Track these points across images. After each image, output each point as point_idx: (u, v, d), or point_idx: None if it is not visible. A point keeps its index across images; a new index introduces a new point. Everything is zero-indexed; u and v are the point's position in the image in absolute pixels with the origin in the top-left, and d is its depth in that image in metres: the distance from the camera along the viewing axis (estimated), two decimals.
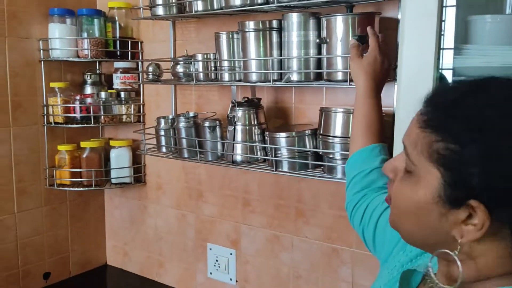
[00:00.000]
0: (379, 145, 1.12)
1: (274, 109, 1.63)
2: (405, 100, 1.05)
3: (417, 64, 1.03)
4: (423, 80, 1.02)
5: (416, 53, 1.03)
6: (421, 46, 1.02)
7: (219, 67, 1.55)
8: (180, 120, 1.63)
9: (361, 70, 1.14)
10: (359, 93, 1.14)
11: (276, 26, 1.42)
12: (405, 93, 1.05)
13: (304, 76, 1.39)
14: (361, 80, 1.14)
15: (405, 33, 1.04)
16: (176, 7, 1.64)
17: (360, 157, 1.11)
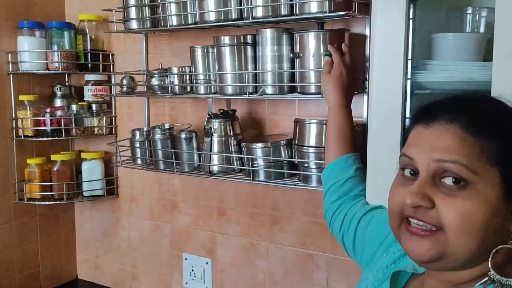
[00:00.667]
0: (352, 155, 1.19)
1: (248, 120, 1.68)
2: (377, 111, 1.13)
3: (387, 77, 1.10)
4: (393, 92, 1.10)
5: (386, 68, 1.11)
6: (390, 60, 1.10)
7: (194, 80, 1.58)
8: (156, 132, 1.66)
9: (329, 84, 1.22)
10: (330, 105, 1.22)
11: (250, 41, 1.47)
12: (376, 104, 1.13)
13: (278, 89, 1.44)
14: (331, 94, 1.22)
15: (375, 48, 1.12)
16: (150, 21, 1.66)
17: (335, 167, 1.18)
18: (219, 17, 1.47)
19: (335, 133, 1.20)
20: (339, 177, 1.16)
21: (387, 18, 1.09)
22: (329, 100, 1.22)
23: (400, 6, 1.07)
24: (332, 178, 1.18)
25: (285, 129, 1.63)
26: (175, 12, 1.55)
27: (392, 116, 1.10)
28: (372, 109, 1.14)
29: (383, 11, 1.09)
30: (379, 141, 1.13)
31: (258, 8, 1.40)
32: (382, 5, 1.09)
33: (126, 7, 1.66)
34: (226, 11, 1.46)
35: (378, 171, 1.14)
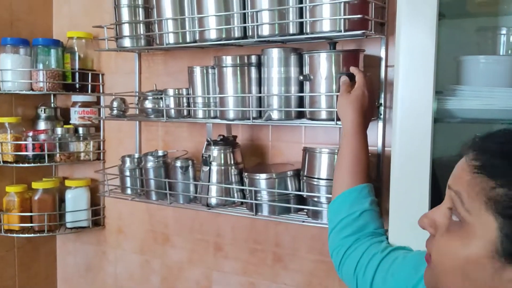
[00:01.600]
0: (367, 185, 1.05)
1: (249, 147, 1.55)
2: (403, 140, 1.00)
3: (414, 104, 0.98)
4: (420, 120, 0.97)
5: (412, 93, 0.98)
6: (417, 85, 0.97)
7: (192, 103, 1.45)
8: (148, 160, 1.51)
9: (349, 105, 1.09)
10: (347, 128, 1.08)
11: (255, 61, 1.35)
12: (402, 133, 1.00)
13: (284, 114, 1.31)
14: (349, 115, 1.09)
15: (399, 72, 0.99)
16: (145, 39, 1.54)
17: (349, 198, 1.04)
18: (221, 35, 1.35)
19: (349, 161, 1.06)
20: (353, 209, 1.02)
21: (414, 38, 0.97)
22: (347, 122, 1.09)
23: (429, 24, 0.95)
24: (344, 210, 1.03)
25: (290, 158, 1.49)
26: (172, 29, 1.42)
27: (420, 146, 0.97)
28: (396, 138, 1.01)
29: (408, 30, 0.97)
30: (405, 173, 1.00)
31: (264, 26, 1.27)
32: (408, 23, 0.97)
33: (118, 24, 1.53)
34: (228, 29, 1.34)
35: (402, 206, 1.00)
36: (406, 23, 0.98)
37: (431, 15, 0.95)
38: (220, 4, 1.33)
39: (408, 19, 0.98)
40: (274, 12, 1.25)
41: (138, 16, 1.53)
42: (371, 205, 1.04)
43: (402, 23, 0.98)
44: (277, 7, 1.25)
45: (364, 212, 1.02)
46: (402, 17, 0.99)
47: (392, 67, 1.32)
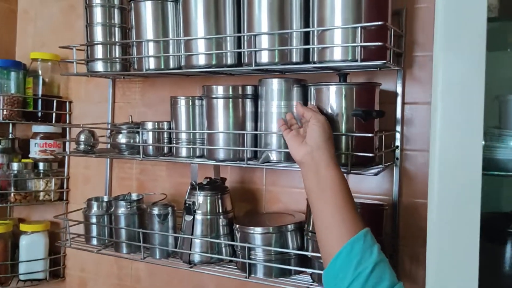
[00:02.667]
0: (368, 229, 0.83)
1: (239, 191, 1.33)
2: (443, 192, 0.80)
3: (457, 151, 0.79)
4: (465, 170, 0.78)
5: (455, 138, 0.79)
6: (461, 129, 0.79)
7: (174, 139, 1.23)
8: (119, 205, 1.27)
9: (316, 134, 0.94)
10: (326, 161, 0.90)
11: (251, 93, 1.15)
12: (441, 184, 0.80)
13: (285, 156, 1.11)
14: (322, 146, 0.92)
15: (437, 112, 0.81)
16: (120, 63, 1.32)
17: (352, 254, 0.80)
18: (210, 62, 1.14)
19: (341, 200, 0.85)
20: (363, 265, 0.79)
21: (456, 72, 0.79)
22: (323, 155, 0.91)
23: (475, 56, 0.77)
24: (350, 269, 0.79)
25: (288, 205, 1.28)
26: (154, 53, 1.22)
27: (466, 200, 0.78)
28: (434, 191, 0.81)
29: (449, 63, 0.79)
30: (447, 232, 0.80)
31: (263, 53, 1.08)
32: (448, 55, 0.79)
33: (90, 45, 1.31)
34: (220, 55, 1.14)
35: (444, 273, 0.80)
36: (447, 54, 0.80)
37: (478, 45, 0.77)
38: (210, 26, 1.13)
39: (448, 49, 0.80)
40: (274, 36, 1.06)
41: (114, 37, 1.32)
42: (380, 254, 0.82)
43: (440, 54, 0.80)
44: (278, 30, 1.06)
45: (376, 266, 0.79)
46: (440, 47, 0.81)
47: (410, 104, 1.14)
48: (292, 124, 1.03)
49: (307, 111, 0.98)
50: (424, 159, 1.12)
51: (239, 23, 1.15)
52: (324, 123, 0.95)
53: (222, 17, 1.14)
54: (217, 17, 1.13)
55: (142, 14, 1.23)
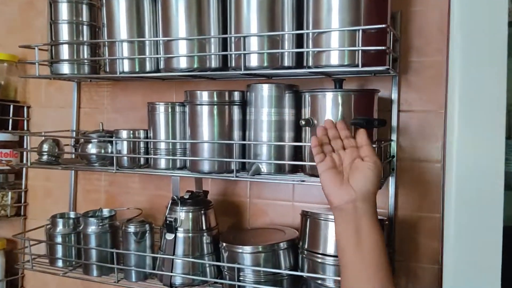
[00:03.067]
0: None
1: (222, 204, 1.23)
2: (460, 207, 0.74)
3: (476, 163, 0.73)
4: (485, 184, 0.72)
5: (473, 150, 0.74)
6: (481, 140, 0.73)
7: (152, 149, 1.12)
8: (89, 222, 1.15)
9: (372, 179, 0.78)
10: (370, 213, 0.77)
11: (238, 99, 1.06)
12: (459, 198, 0.75)
13: (276, 167, 1.02)
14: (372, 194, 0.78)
15: (455, 122, 0.75)
16: (89, 65, 1.19)
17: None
18: (192, 65, 1.04)
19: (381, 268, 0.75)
20: None
21: (475, 79, 0.73)
22: (368, 205, 0.77)
23: (496, 61, 0.72)
24: None
25: (274, 219, 1.20)
26: (128, 54, 1.10)
27: (486, 215, 0.72)
28: (451, 205, 0.75)
29: (468, 69, 0.74)
30: (466, 248, 0.74)
31: (252, 56, 0.99)
32: (466, 60, 0.74)
33: (55, 44, 1.18)
34: (203, 57, 1.04)
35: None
36: (464, 59, 0.74)
37: (498, 51, 0.72)
38: (192, 25, 1.03)
39: (466, 56, 0.74)
40: (264, 38, 0.98)
41: (82, 36, 1.19)
42: None
43: (457, 59, 0.75)
44: (268, 32, 0.97)
45: None
46: (456, 53, 0.75)
47: (406, 112, 1.08)
48: (323, 144, 0.85)
49: (367, 145, 0.81)
50: (420, 170, 1.07)
51: (224, 23, 1.06)
52: (380, 170, 0.79)
53: (205, 16, 1.04)
54: (200, 16, 1.04)
55: (115, 11, 1.11)
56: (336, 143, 0.85)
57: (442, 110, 1.05)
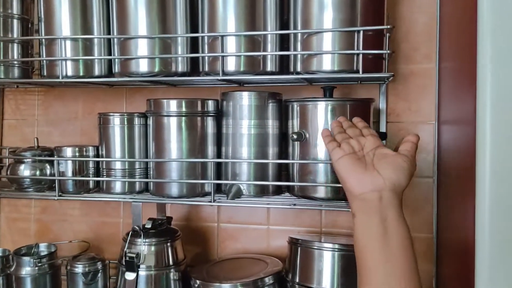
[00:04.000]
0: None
1: (185, 231, 1.06)
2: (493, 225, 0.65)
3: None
4: None
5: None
6: None
7: (105, 169, 0.92)
8: (22, 262, 0.92)
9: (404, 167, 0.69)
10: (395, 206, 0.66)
11: (213, 109, 0.90)
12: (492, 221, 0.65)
13: (256, 188, 0.88)
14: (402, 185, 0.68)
15: (488, 135, 0.65)
16: (20, 68, 0.97)
17: None
18: (153, 69, 0.87)
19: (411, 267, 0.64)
20: None
21: (507, 83, 0.64)
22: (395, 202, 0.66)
23: None
24: None
25: (246, 245, 1.05)
26: (72, 54, 0.90)
27: None
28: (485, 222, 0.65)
29: (498, 74, 0.65)
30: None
31: (229, 60, 0.85)
32: (498, 64, 0.65)
33: None
34: (168, 60, 0.87)
35: None
36: (495, 65, 0.65)
37: None
38: (153, 20, 0.86)
39: (497, 60, 0.65)
40: (242, 38, 0.84)
41: (11, 32, 0.96)
42: None
43: (487, 65, 0.65)
44: (249, 31, 0.83)
45: None
46: (486, 57, 0.66)
47: (393, 123, 0.99)
48: (339, 132, 0.76)
49: (407, 141, 0.73)
50: (411, 186, 0.97)
51: (193, 20, 0.90)
52: (415, 168, 0.70)
53: (171, 11, 0.88)
54: (165, 10, 0.87)
55: (55, 2, 0.90)
56: (353, 131, 0.76)
57: (432, 122, 0.97)
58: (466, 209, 0.72)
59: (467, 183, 0.71)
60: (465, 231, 0.73)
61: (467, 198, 0.71)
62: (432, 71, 0.97)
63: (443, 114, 0.94)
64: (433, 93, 0.97)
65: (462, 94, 0.77)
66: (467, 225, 0.71)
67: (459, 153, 0.79)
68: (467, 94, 0.72)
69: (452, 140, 0.86)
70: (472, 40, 0.70)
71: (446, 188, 0.92)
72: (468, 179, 0.72)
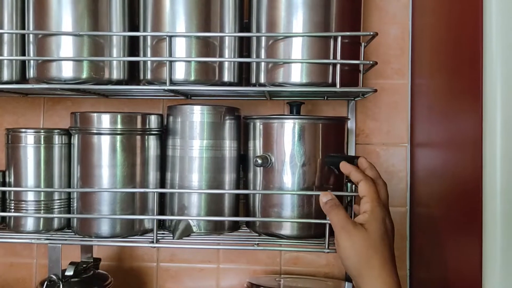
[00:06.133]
0: None
1: (116, 274, 0.86)
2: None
3: None
4: None
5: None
6: None
7: (13, 201, 0.72)
8: None
9: (372, 252, 0.57)
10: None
11: (156, 126, 0.73)
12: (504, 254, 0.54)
13: (208, 224, 0.72)
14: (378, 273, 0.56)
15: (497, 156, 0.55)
16: None
17: None
18: (80, 75, 0.69)
19: None
20: None
21: None
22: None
23: None
24: None
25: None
26: None
27: None
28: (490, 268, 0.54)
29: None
30: None
31: (178, 67, 0.69)
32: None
33: None
34: (100, 65, 0.70)
35: None
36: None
37: None
38: (81, 14, 0.69)
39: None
40: (191, 40, 0.69)
41: None
42: None
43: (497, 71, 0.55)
44: (202, 32, 0.68)
45: None
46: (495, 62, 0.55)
47: (362, 145, 0.87)
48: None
49: (366, 188, 0.60)
50: None
51: (132, 18, 0.73)
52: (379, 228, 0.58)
53: (104, 5, 0.70)
54: (96, 4, 0.69)
55: None
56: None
57: (405, 144, 0.87)
58: (464, 246, 0.61)
59: (465, 216, 0.61)
60: (462, 269, 0.62)
61: (465, 234, 0.61)
62: (405, 87, 0.87)
63: (418, 136, 0.84)
64: (406, 112, 0.87)
65: (452, 114, 0.66)
66: (466, 264, 0.60)
67: (447, 180, 0.68)
68: (462, 114, 0.61)
69: (433, 165, 0.76)
70: (465, 54, 0.60)
71: (424, 219, 0.81)
72: (464, 211, 0.62)
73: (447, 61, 0.70)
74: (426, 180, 0.80)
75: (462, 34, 0.61)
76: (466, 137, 0.60)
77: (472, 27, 0.56)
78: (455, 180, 0.64)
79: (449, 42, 0.68)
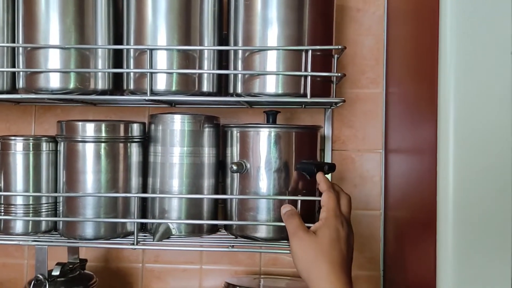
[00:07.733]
0: None
1: (102, 275, 0.91)
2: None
3: None
4: None
5: None
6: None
7: (3, 205, 0.76)
8: None
9: (320, 258, 0.61)
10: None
11: (138, 134, 0.77)
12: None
13: (187, 227, 0.76)
14: (325, 277, 0.60)
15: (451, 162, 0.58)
16: None
17: None
18: (66, 85, 0.73)
19: None
20: None
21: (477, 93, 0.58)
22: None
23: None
24: None
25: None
26: None
27: None
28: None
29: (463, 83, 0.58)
30: None
31: (159, 77, 0.73)
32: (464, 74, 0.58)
33: None
34: (85, 76, 0.74)
35: None
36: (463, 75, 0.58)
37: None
38: (68, 27, 0.73)
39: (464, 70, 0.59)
40: (172, 53, 0.73)
41: None
42: None
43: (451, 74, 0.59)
44: (182, 45, 0.72)
45: None
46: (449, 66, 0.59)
47: (338, 151, 0.91)
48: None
49: (326, 197, 0.66)
50: (357, 220, 0.91)
51: (117, 30, 0.77)
52: (331, 235, 0.62)
53: (90, 18, 0.74)
54: (82, 17, 0.73)
55: None
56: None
57: (379, 150, 0.91)
58: (423, 249, 0.65)
59: (424, 219, 0.65)
60: (421, 271, 0.66)
61: (424, 236, 0.64)
62: (379, 96, 0.91)
63: (391, 142, 0.88)
64: (380, 120, 0.91)
65: (416, 122, 0.71)
66: (424, 266, 0.64)
67: (412, 185, 0.72)
68: (423, 122, 0.65)
69: (402, 170, 0.79)
70: (426, 64, 0.64)
71: (395, 222, 0.85)
72: (423, 216, 0.66)
73: (413, 71, 0.74)
74: (397, 185, 0.84)
75: (423, 45, 0.65)
76: (425, 144, 0.64)
77: (430, 38, 0.60)
78: (416, 185, 0.68)
79: (414, 52, 0.72)
